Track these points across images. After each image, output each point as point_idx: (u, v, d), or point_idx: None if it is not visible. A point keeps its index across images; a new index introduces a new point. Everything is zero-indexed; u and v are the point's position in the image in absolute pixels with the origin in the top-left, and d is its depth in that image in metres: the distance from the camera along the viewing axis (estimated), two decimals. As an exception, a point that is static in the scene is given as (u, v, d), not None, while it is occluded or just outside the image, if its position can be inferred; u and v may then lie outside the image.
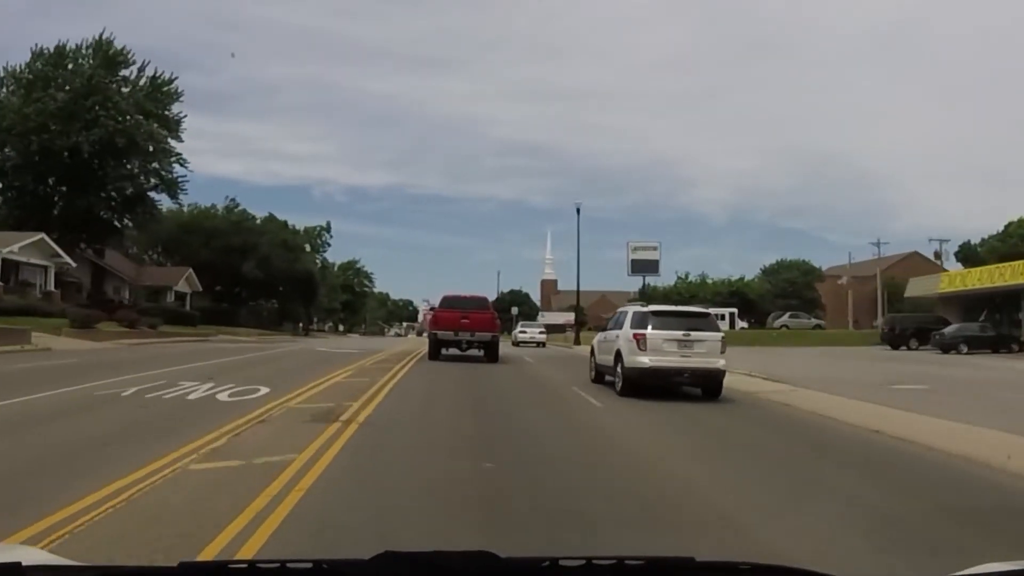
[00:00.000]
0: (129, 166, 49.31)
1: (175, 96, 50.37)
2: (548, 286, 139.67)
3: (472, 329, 23.59)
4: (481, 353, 24.33)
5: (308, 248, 77.12)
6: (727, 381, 14.65)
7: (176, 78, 50.68)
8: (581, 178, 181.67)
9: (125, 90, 48.23)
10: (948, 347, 37.20)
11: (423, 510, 5.49)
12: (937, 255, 63.79)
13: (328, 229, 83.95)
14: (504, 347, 30.46)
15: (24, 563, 1.41)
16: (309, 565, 1.40)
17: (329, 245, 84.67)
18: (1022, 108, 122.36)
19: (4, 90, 47.63)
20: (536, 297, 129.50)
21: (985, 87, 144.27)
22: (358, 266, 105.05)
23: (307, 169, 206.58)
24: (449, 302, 25.06)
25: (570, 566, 1.44)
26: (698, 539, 4.95)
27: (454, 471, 6.87)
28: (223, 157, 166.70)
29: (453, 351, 24.49)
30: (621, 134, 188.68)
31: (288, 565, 1.41)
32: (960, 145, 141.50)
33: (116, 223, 51.27)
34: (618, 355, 14.50)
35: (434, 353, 23.78)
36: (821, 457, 8.88)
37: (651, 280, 56.68)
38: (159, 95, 49.43)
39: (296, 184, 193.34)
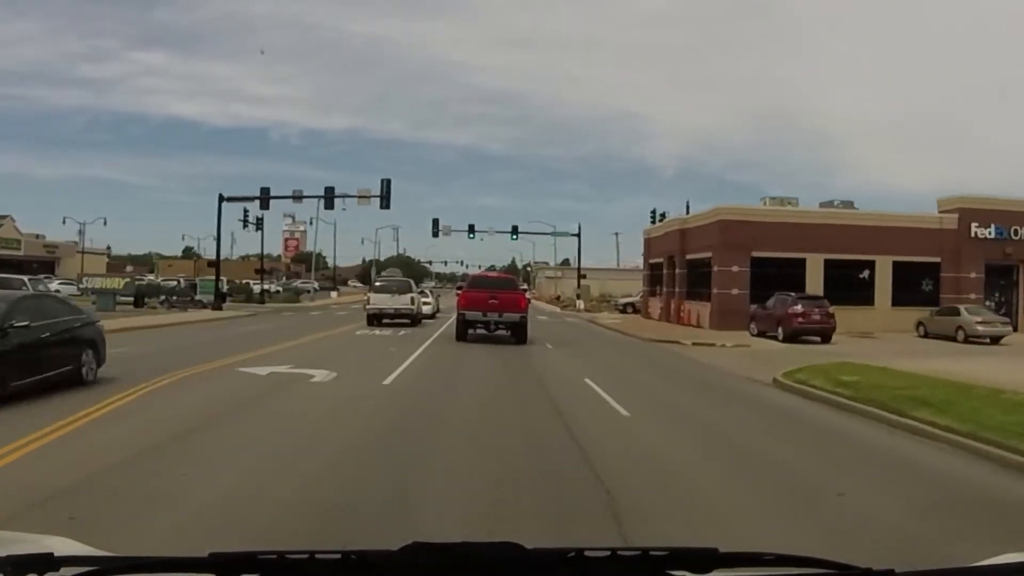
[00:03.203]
0: None
1: None
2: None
3: (500, 310, 22.91)
4: (508, 334, 23.31)
5: None
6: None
7: None
8: (542, 127, 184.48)
9: None
10: None
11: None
12: None
13: None
14: None
15: (56, 553, 1.41)
16: (337, 556, 1.39)
17: None
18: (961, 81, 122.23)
19: None
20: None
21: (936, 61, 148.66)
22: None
23: (270, 111, 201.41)
24: (477, 282, 25.33)
25: (595, 557, 1.44)
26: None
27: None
28: (186, 98, 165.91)
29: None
30: (591, 86, 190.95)
31: (317, 556, 1.40)
32: (906, 112, 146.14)
33: None
34: None
35: (461, 333, 23.47)
36: None
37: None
38: None
39: (254, 126, 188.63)
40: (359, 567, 1.40)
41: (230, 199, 44.57)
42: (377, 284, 32.24)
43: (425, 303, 36.19)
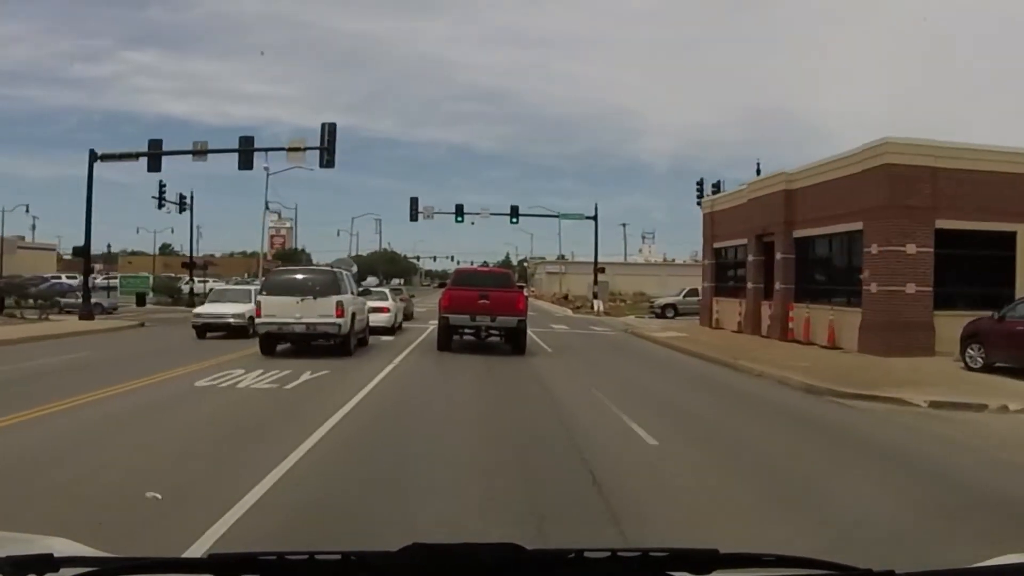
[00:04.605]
0: None
1: None
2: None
3: (493, 312, 18.96)
4: (502, 341, 19.58)
5: None
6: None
7: None
8: (534, 125, 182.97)
9: None
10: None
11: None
12: None
13: None
14: None
15: (56, 554, 1.39)
16: (337, 556, 1.38)
17: None
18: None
19: None
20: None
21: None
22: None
23: (262, 110, 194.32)
24: (464, 278, 21.12)
25: (595, 558, 1.41)
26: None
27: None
28: (178, 97, 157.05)
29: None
30: (584, 83, 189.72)
31: (317, 557, 1.38)
32: (904, 106, 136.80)
33: None
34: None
35: (444, 342, 19.33)
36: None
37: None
38: None
39: (245, 126, 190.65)
40: (359, 568, 1.39)
41: (104, 157, 30.48)
42: (272, 280, 17.97)
43: (378, 310, 22.24)
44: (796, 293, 23.62)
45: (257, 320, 16.54)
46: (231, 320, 21.64)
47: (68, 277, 69.75)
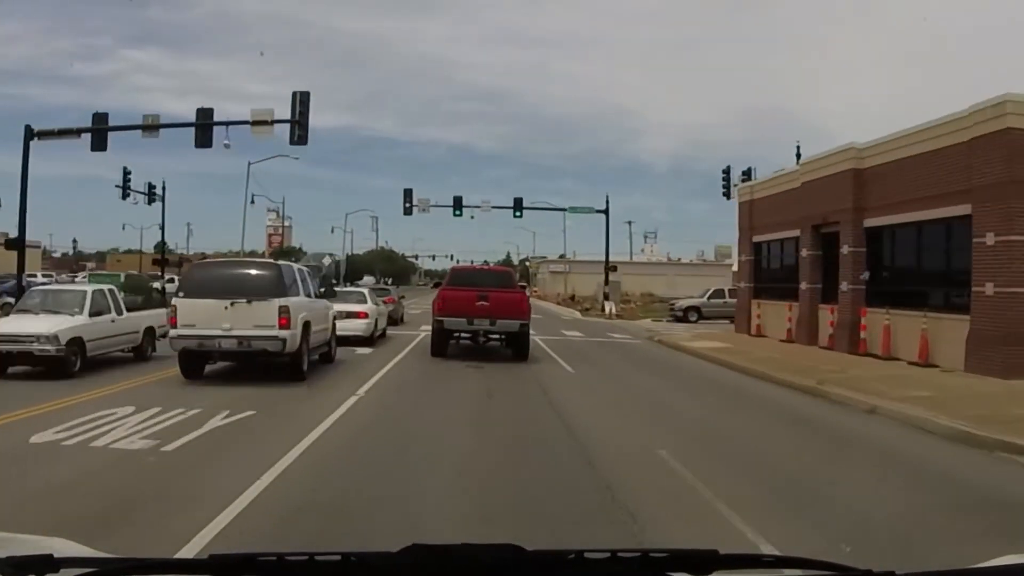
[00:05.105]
0: None
1: None
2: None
3: (492, 315, 17.19)
4: (503, 346, 18.04)
5: None
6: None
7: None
8: (534, 125, 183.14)
9: None
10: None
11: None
12: None
13: None
14: None
15: (56, 554, 1.37)
16: (338, 557, 1.36)
17: None
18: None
19: None
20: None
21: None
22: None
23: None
24: (461, 277, 19.02)
25: (595, 558, 1.39)
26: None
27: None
28: (178, 96, 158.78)
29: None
30: (583, 83, 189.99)
31: (317, 557, 1.37)
32: (903, 104, 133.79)
33: None
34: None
35: (439, 348, 17.47)
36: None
37: None
38: None
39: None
40: (359, 569, 1.37)
41: (42, 134, 26.16)
42: (193, 277, 13.11)
43: (351, 315, 17.92)
44: (868, 295, 19.21)
45: (171, 332, 12.11)
46: (34, 346, 12.52)
47: (44, 275, 65.80)
